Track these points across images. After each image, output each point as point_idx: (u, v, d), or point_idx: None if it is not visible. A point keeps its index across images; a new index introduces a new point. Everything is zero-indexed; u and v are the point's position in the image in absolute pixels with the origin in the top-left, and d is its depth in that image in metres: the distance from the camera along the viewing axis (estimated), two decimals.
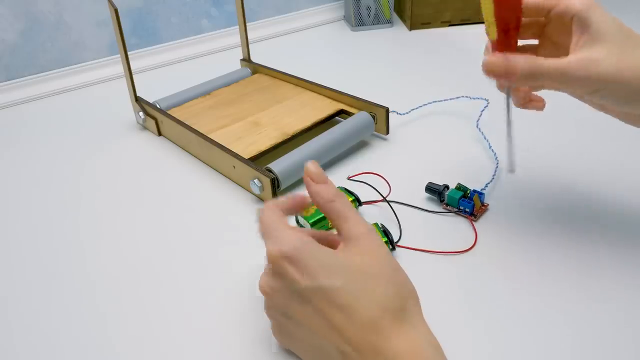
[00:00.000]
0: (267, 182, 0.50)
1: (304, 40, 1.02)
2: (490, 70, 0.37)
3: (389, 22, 1.06)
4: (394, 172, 0.55)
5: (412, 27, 1.03)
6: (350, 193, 0.48)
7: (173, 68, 0.92)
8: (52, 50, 0.84)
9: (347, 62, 0.90)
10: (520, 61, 0.36)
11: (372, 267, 0.30)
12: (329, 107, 0.64)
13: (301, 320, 0.30)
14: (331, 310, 0.29)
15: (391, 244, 0.43)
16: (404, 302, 0.30)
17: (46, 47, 0.83)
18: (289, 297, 0.30)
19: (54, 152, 0.65)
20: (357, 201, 0.48)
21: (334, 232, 0.35)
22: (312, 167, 0.35)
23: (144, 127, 0.69)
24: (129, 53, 0.65)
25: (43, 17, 0.81)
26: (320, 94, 0.67)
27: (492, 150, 0.57)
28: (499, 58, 0.37)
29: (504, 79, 0.37)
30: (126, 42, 0.83)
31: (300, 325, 0.30)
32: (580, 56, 0.36)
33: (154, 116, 0.66)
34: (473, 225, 0.46)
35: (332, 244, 0.33)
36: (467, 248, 0.44)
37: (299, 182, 0.54)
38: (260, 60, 0.80)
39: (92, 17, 0.86)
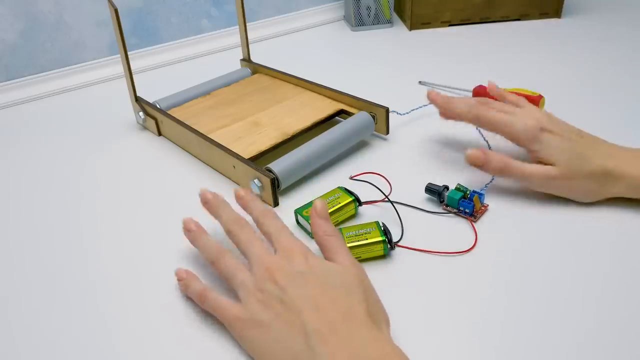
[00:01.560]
0: (267, 182, 0.50)
1: (304, 40, 1.02)
2: (471, 162, 0.49)
3: (389, 22, 1.06)
4: (394, 172, 0.55)
5: (412, 27, 1.03)
6: (350, 193, 0.48)
7: (173, 68, 0.92)
8: (52, 50, 0.84)
9: (347, 62, 0.90)
10: (495, 159, 0.48)
11: (360, 283, 0.35)
12: (329, 107, 0.64)
13: (291, 300, 0.33)
14: (321, 296, 0.33)
15: (389, 243, 0.43)
16: (380, 322, 0.33)
17: (46, 47, 0.83)
18: (291, 277, 0.34)
19: (53, 152, 0.65)
20: (357, 201, 0.48)
21: None
22: (319, 204, 0.40)
23: (144, 127, 0.69)
24: (129, 53, 0.65)
25: (43, 17, 0.81)
26: (320, 94, 0.67)
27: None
28: (479, 153, 0.48)
29: (481, 169, 0.48)
30: (126, 42, 0.83)
31: (287, 307, 0.33)
32: (541, 171, 0.47)
33: (154, 116, 0.66)
34: (473, 226, 0.46)
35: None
36: (466, 249, 0.44)
37: (298, 182, 0.54)
38: (260, 60, 0.80)
39: (92, 17, 0.86)
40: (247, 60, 0.79)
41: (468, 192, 0.48)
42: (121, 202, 0.54)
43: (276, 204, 0.51)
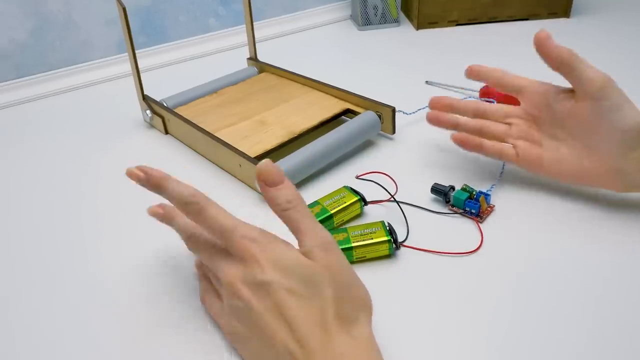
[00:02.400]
0: None
1: (310, 40, 1.03)
2: (537, 43, 0.45)
3: (396, 21, 1.06)
4: (399, 172, 0.55)
5: (419, 27, 1.03)
6: (356, 192, 0.48)
7: (180, 67, 0.92)
8: (61, 49, 0.84)
9: (353, 62, 0.90)
10: (561, 48, 0.44)
11: (328, 279, 0.31)
12: (335, 106, 0.64)
13: (258, 315, 0.30)
14: (287, 306, 0.30)
15: (395, 243, 0.43)
16: (357, 314, 0.31)
17: (55, 46, 0.84)
18: (252, 288, 0.31)
19: (60, 149, 0.66)
20: (363, 201, 0.48)
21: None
22: (264, 167, 0.33)
23: (151, 126, 0.69)
24: (136, 51, 0.65)
25: (53, 17, 0.82)
26: (326, 93, 0.67)
27: None
28: (544, 36, 0.44)
29: (541, 55, 0.45)
30: (134, 40, 0.83)
31: (255, 323, 0.31)
32: (550, 156, 0.47)
33: (160, 114, 0.66)
34: (479, 227, 0.46)
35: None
36: (472, 249, 0.44)
37: (304, 181, 0.55)
38: (266, 59, 0.80)
39: (101, 16, 0.86)
40: (253, 59, 0.79)
41: (474, 193, 0.48)
42: (126, 200, 0.54)
43: None
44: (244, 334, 0.32)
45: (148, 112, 0.67)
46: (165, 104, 0.67)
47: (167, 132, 0.67)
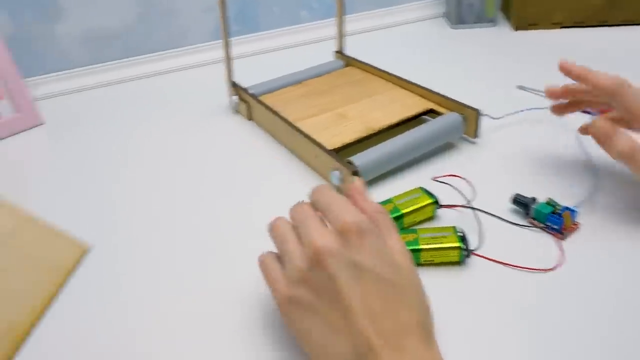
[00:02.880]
0: (347, 174, 0.50)
1: (400, 36, 1.01)
2: (593, 132, 0.44)
3: (492, 21, 1.01)
4: (479, 178, 0.53)
5: (517, 28, 0.98)
6: (430, 194, 0.47)
7: (269, 56, 0.95)
8: (162, 34, 0.90)
9: (442, 61, 0.87)
10: (622, 141, 0.42)
11: (418, 289, 0.32)
12: (419, 105, 0.63)
13: (340, 293, 0.29)
14: (376, 297, 0.29)
15: (466, 250, 0.41)
16: (431, 334, 0.31)
17: (158, 30, 0.89)
18: (344, 266, 0.30)
19: (152, 126, 0.70)
20: (437, 203, 0.47)
21: None
22: (358, 182, 0.37)
23: (236, 111, 0.72)
24: (229, 39, 0.68)
25: (157, 2, 0.87)
26: (410, 91, 0.66)
27: (593, 165, 0.53)
28: (607, 127, 0.44)
29: (601, 145, 0.44)
30: (228, 28, 0.86)
31: (335, 299, 0.30)
32: None
33: (246, 101, 0.68)
34: (560, 244, 0.43)
35: None
36: (549, 267, 0.41)
37: (379, 178, 0.54)
38: (353, 53, 0.80)
39: (201, 3, 0.90)
40: (340, 52, 0.79)
41: (559, 208, 0.45)
42: (205, 181, 0.57)
43: None
44: (309, 304, 0.31)
45: (234, 98, 0.70)
46: (251, 92, 0.69)
47: (250, 119, 0.69)
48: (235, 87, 0.70)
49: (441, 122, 0.57)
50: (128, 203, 0.54)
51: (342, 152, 0.56)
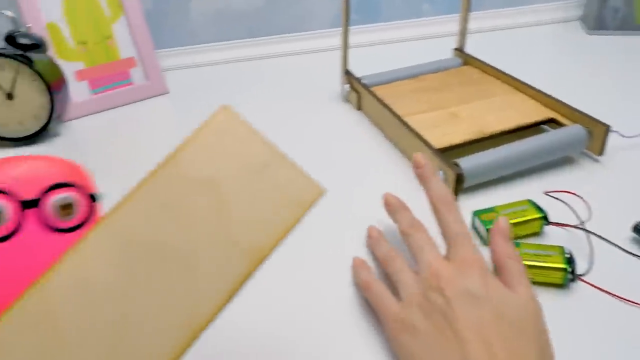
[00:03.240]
0: (451, 176, 0.48)
1: (527, 37, 0.95)
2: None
3: (639, 28, 0.92)
4: (597, 199, 0.48)
5: None
6: (539, 208, 0.44)
7: (386, 47, 0.94)
8: (287, 17, 0.93)
9: (572, 69, 0.80)
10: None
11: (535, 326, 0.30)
12: (538, 113, 0.59)
13: (455, 320, 0.29)
14: (493, 329, 0.28)
15: (572, 274, 0.38)
16: None
17: (283, 13, 0.92)
18: (461, 292, 0.30)
19: (263, 105, 0.73)
20: (545, 219, 0.44)
21: None
22: (503, 222, 0.36)
23: (347, 100, 0.73)
24: (349, 28, 0.69)
25: None
26: (531, 97, 0.62)
27: None
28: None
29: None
30: (349, 17, 0.87)
31: (448, 325, 0.29)
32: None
33: (357, 90, 0.69)
34: None
35: None
36: None
37: (486, 184, 0.52)
38: (474, 52, 0.77)
39: None
40: (460, 50, 0.76)
41: None
42: (307, 166, 0.58)
43: None
44: (421, 328, 0.31)
45: (346, 86, 0.70)
46: (363, 82, 0.69)
47: (359, 109, 0.69)
48: (348, 75, 0.70)
49: (562, 134, 0.53)
50: None
51: (449, 153, 0.54)
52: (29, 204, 0.29)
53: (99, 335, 0.21)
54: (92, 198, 0.31)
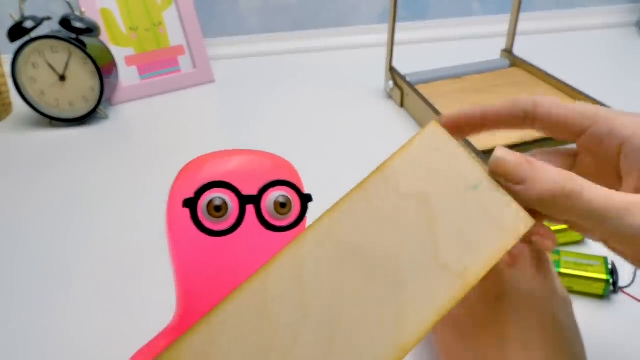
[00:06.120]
0: None
1: (579, 42, 0.92)
2: (494, 170, 0.24)
3: None
4: None
5: None
6: None
7: (432, 45, 0.93)
8: (333, 10, 0.93)
9: (626, 76, 0.78)
10: (551, 175, 0.22)
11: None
12: None
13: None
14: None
15: (614, 285, 0.37)
16: None
17: (327, 7, 0.93)
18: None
19: (306, 98, 0.74)
20: None
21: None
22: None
23: (389, 96, 0.72)
24: (396, 24, 0.68)
25: None
26: None
27: None
28: (517, 157, 0.24)
29: (514, 189, 0.23)
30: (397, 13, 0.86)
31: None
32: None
33: (401, 87, 0.68)
34: None
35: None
36: None
37: None
38: (522, 54, 0.75)
39: None
40: (508, 51, 0.75)
41: None
42: (345, 160, 0.58)
43: None
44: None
45: (390, 83, 0.70)
46: (407, 79, 0.69)
47: (402, 106, 0.69)
48: (392, 72, 0.70)
49: None
50: None
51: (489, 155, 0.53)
52: (249, 200, 0.28)
53: (310, 336, 0.20)
54: (306, 198, 0.30)
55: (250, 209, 0.28)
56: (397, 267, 0.21)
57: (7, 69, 0.74)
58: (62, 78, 0.69)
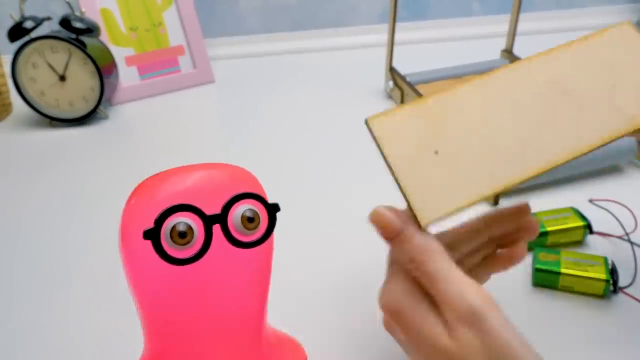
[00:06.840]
0: None
1: None
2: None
3: None
4: None
5: None
6: (582, 217, 0.43)
7: (432, 45, 0.93)
8: (331, 11, 0.93)
9: None
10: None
11: None
12: None
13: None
14: None
15: (614, 285, 0.37)
16: None
17: (326, 7, 0.93)
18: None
19: (304, 99, 0.74)
20: (588, 228, 0.43)
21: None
22: (375, 216, 0.30)
23: (389, 96, 0.72)
24: (396, 24, 0.68)
25: None
26: None
27: None
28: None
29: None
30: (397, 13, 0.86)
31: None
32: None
33: (401, 88, 0.68)
34: None
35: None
36: None
37: (527, 190, 0.51)
38: (522, 54, 0.75)
39: None
40: (508, 51, 0.75)
41: None
42: (344, 160, 0.58)
43: (496, 202, 0.49)
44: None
45: (390, 83, 0.70)
46: (408, 79, 0.69)
47: None
48: (392, 72, 0.70)
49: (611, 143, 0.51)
50: (274, 167, 0.58)
51: None
52: (214, 219, 0.26)
53: (518, 128, 0.29)
54: (273, 208, 0.28)
55: (216, 228, 0.26)
56: (582, 99, 0.29)
57: (7, 69, 0.74)
58: (62, 78, 0.69)
